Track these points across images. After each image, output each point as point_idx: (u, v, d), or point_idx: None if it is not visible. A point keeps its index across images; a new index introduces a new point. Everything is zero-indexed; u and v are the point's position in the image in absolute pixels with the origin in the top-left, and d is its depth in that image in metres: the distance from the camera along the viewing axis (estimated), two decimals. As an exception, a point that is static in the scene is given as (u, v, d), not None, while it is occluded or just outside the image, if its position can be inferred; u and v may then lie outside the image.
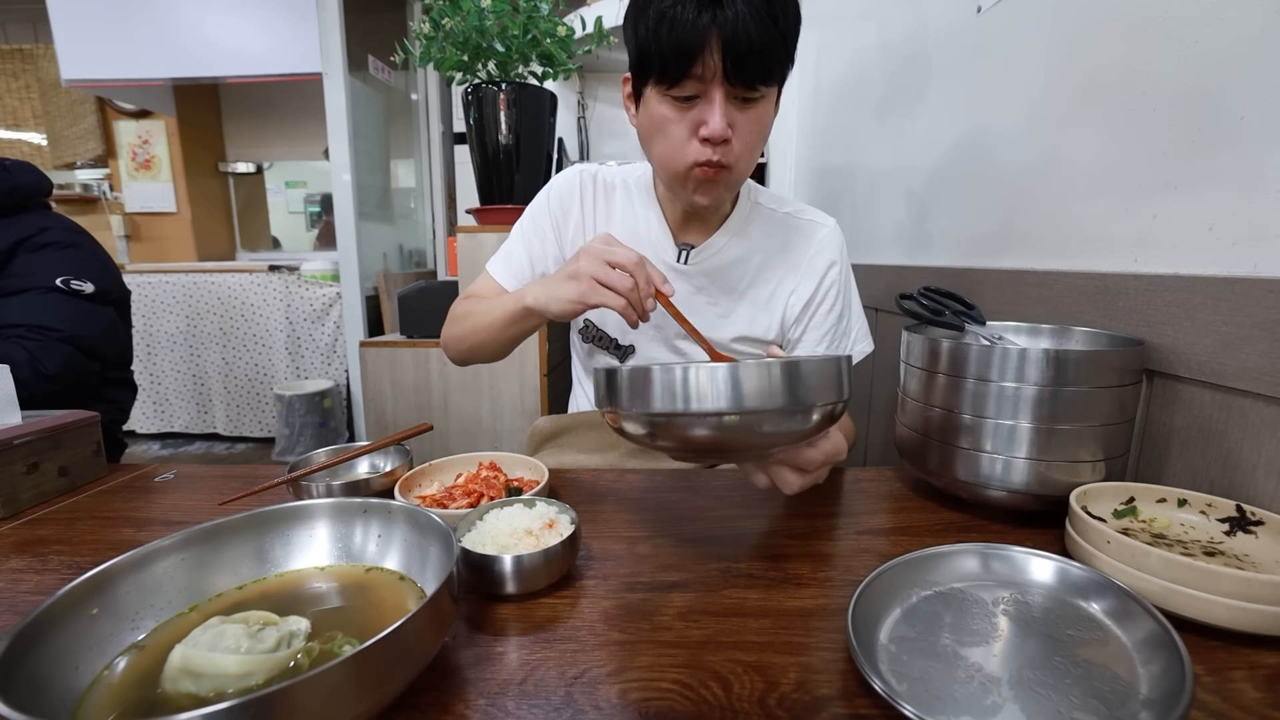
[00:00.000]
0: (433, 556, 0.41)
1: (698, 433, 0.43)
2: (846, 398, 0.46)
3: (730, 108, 0.65)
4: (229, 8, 2.59)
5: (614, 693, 0.35)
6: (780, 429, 0.44)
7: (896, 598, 0.42)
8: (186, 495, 0.67)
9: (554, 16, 1.49)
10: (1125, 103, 0.67)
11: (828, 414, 0.45)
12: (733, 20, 0.59)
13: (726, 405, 0.40)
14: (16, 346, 1.13)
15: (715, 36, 0.60)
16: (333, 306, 2.90)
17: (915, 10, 1.16)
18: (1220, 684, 0.36)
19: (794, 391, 0.42)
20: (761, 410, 0.41)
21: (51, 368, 1.15)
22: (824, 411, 0.44)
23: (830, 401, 0.44)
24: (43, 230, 1.20)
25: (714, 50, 0.61)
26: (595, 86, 2.53)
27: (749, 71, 0.62)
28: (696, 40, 0.60)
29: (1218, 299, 0.54)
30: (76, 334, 1.20)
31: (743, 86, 0.64)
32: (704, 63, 0.62)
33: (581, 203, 0.86)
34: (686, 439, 0.44)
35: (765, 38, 0.60)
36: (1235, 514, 0.49)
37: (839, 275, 0.86)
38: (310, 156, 3.54)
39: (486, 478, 0.63)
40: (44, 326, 1.16)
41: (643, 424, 0.44)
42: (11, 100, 3.49)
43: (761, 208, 0.86)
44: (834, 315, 0.86)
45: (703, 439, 0.43)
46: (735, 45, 0.60)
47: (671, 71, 0.63)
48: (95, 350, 1.26)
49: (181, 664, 0.33)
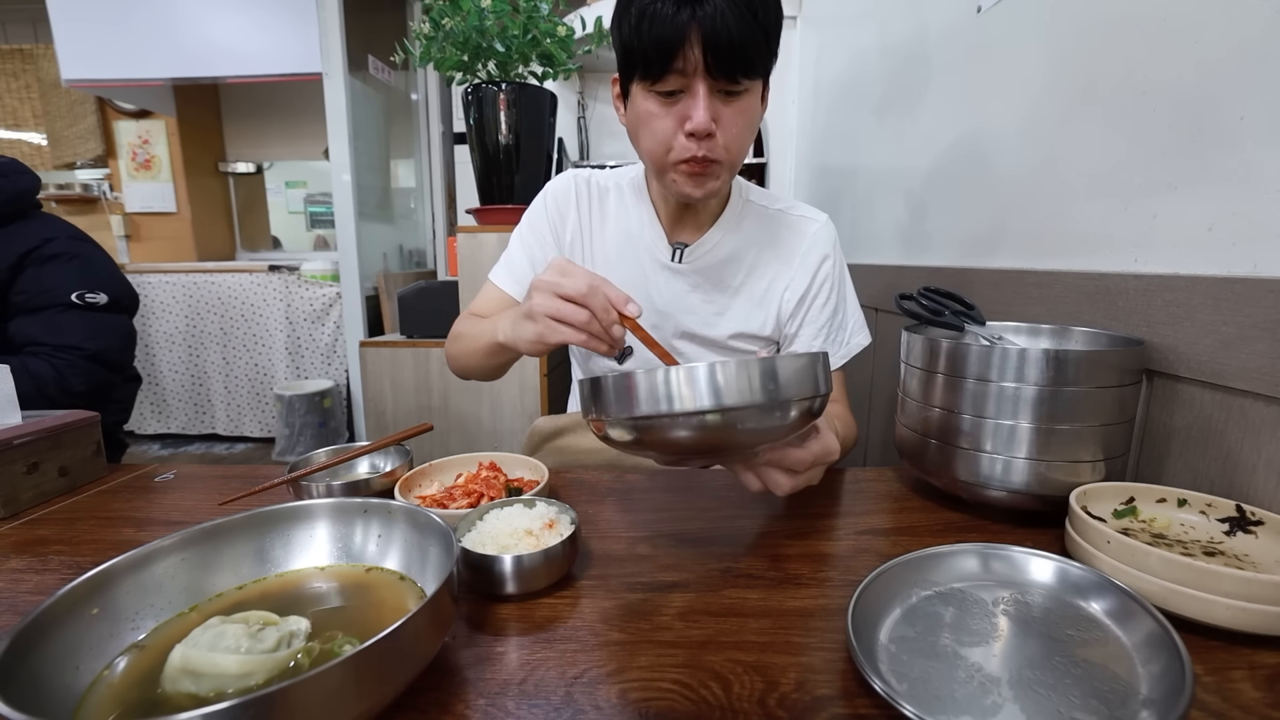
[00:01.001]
0: (433, 556, 0.41)
1: (678, 433, 0.43)
2: (824, 392, 0.46)
3: (714, 101, 0.66)
4: (229, 8, 2.59)
5: (614, 693, 0.35)
6: (760, 425, 0.44)
7: (896, 598, 0.42)
8: (186, 495, 0.67)
9: (554, 16, 1.49)
10: (1125, 103, 0.67)
11: (805, 409, 0.45)
12: (712, 15, 0.60)
13: (706, 404, 0.41)
14: (44, 364, 1.16)
15: (695, 31, 0.61)
16: (333, 306, 2.90)
17: (915, 10, 1.16)
18: (1220, 684, 0.36)
19: (769, 387, 0.42)
20: (739, 407, 0.41)
21: (78, 385, 1.19)
22: (801, 407, 0.44)
23: (807, 396, 0.44)
24: (47, 240, 1.21)
25: (694, 44, 0.62)
26: (595, 86, 2.53)
27: (730, 64, 0.63)
28: (677, 35, 0.61)
29: (1218, 299, 0.54)
30: (100, 350, 1.23)
31: (725, 80, 0.64)
32: (685, 56, 0.63)
33: (577, 207, 0.87)
34: (667, 440, 0.44)
35: (745, 31, 0.62)
36: (1235, 514, 0.49)
37: (833, 269, 0.86)
38: (310, 156, 3.54)
39: (486, 478, 0.63)
40: (69, 345, 1.19)
41: (625, 428, 0.45)
42: (11, 100, 3.49)
43: (753, 204, 0.86)
44: (829, 309, 0.86)
45: (684, 439, 0.44)
46: (715, 39, 0.61)
47: (654, 67, 0.64)
48: (117, 362, 1.29)
49: (181, 664, 0.33)
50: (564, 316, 0.56)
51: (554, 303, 0.56)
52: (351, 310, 2.74)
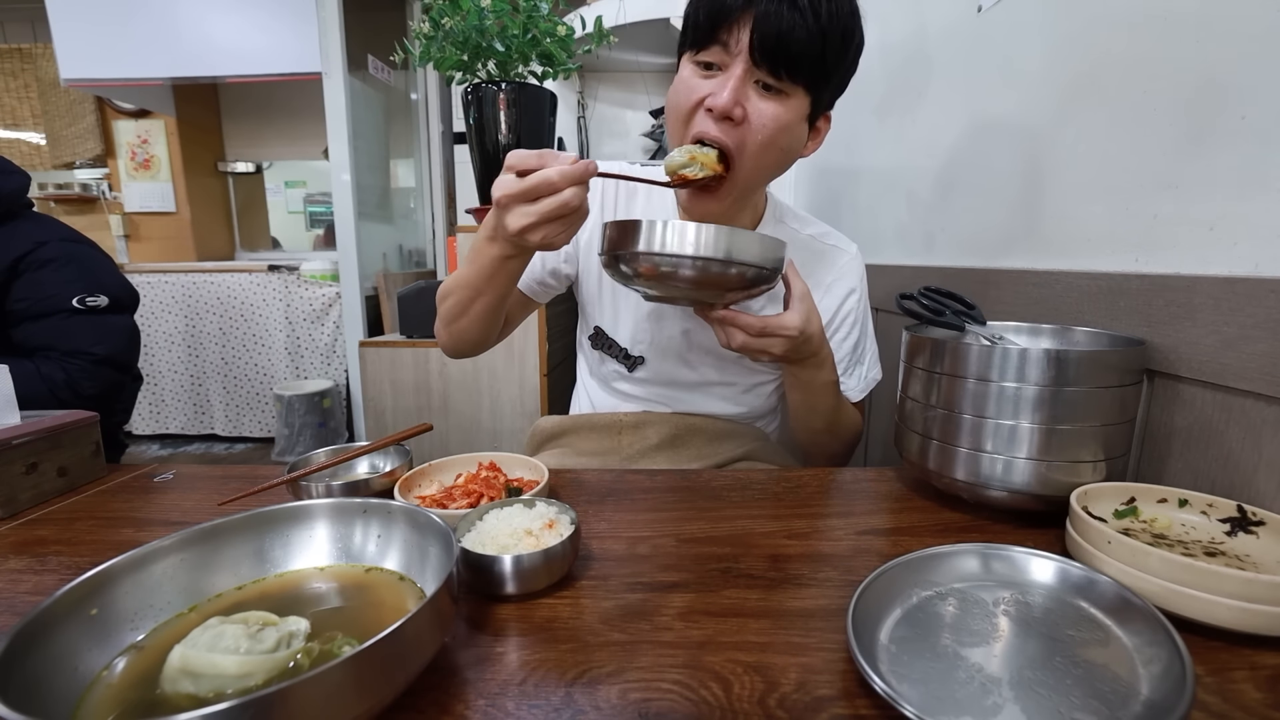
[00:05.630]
0: (432, 557, 0.41)
1: (665, 267, 0.60)
2: (767, 268, 0.62)
3: (748, 89, 0.65)
4: (228, 7, 2.58)
5: (614, 693, 0.35)
6: (721, 273, 0.61)
7: (897, 598, 0.42)
8: (186, 495, 0.67)
9: (554, 16, 1.49)
10: (1126, 102, 0.67)
11: (754, 274, 0.62)
12: (771, 2, 0.61)
13: (690, 252, 0.59)
14: (56, 367, 1.17)
15: (750, 11, 0.61)
16: (332, 306, 2.90)
17: (915, 10, 1.16)
18: (1221, 685, 0.36)
19: (727, 248, 0.59)
20: (705, 257, 0.59)
21: (89, 389, 1.19)
22: (747, 271, 0.61)
23: (752, 264, 0.61)
24: (40, 244, 1.20)
25: (745, 23, 0.62)
26: (595, 86, 2.53)
27: (773, 54, 0.62)
28: (730, 9, 0.62)
29: (1219, 299, 0.54)
30: (110, 354, 1.24)
31: (765, 70, 0.63)
32: (731, 31, 0.63)
33: (603, 200, 0.85)
34: (656, 273, 0.62)
35: (798, 28, 0.61)
36: (1236, 514, 0.49)
37: (857, 304, 0.86)
38: (310, 156, 3.53)
39: (486, 478, 0.63)
40: (80, 350, 1.20)
41: (630, 262, 0.62)
42: (10, 100, 3.48)
43: (785, 226, 0.86)
44: (850, 342, 0.86)
45: (668, 274, 0.61)
46: (765, 23, 0.61)
47: (702, 33, 0.65)
48: (126, 363, 1.30)
49: (181, 664, 0.32)
50: (531, 189, 0.55)
51: (517, 183, 0.55)
52: (351, 310, 2.74)
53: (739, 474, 0.72)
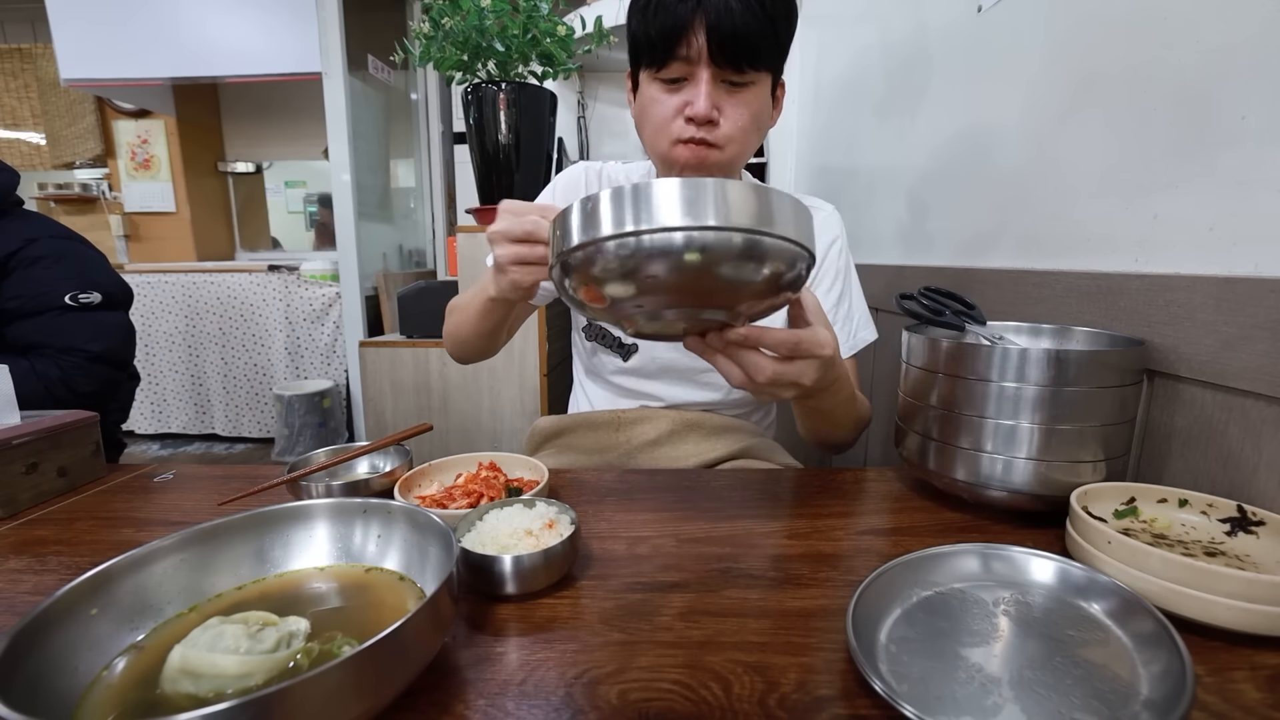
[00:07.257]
0: (432, 557, 0.41)
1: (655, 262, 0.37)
2: (809, 252, 0.41)
3: (718, 90, 0.67)
4: (228, 7, 2.58)
5: (614, 693, 0.35)
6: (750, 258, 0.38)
7: (897, 598, 0.42)
8: (186, 495, 0.67)
9: (554, 16, 1.49)
10: (1126, 102, 0.67)
11: (791, 259, 0.40)
12: (717, 3, 0.62)
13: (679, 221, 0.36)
14: (51, 364, 1.17)
15: (700, 18, 0.63)
16: (332, 306, 2.89)
17: (915, 10, 1.16)
18: (1221, 685, 0.36)
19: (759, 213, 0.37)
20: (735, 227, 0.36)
21: (85, 386, 1.19)
22: (784, 255, 0.39)
23: (793, 241, 0.38)
24: (30, 242, 1.20)
25: (699, 31, 0.63)
26: (595, 86, 2.53)
27: (733, 53, 0.64)
28: (682, 21, 0.63)
29: (1219, 299, 0.54)
30: (104, 350, 1.23)
31: (730, 69, 0.65)
32: (689, 43, 0.64)
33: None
34: (640, 272, 0.38)
35: (750, 20, 0.63)
36: (1236, 514, 0.49)
37: (839, 255, 0.86)
38: (310, 156, 3.53)
39: (486, 478, 0.63)
40: (74, 348, 1.20)
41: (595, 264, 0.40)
42: (10, 100, 3.48)
43: None
44: (834, 294, 0.85)
45: (661, 273, 0.38)
46: (719, 26, 0.62)
47: (659, 53, 0.66)
48: (122, 360, 1.29)
49: (181, 664, 0.32)
50: (524, 258, 0.56)
51: (511, 249, 0.56)
52: (351, 310, 2.73)
53: (739, 474, 0.72)
